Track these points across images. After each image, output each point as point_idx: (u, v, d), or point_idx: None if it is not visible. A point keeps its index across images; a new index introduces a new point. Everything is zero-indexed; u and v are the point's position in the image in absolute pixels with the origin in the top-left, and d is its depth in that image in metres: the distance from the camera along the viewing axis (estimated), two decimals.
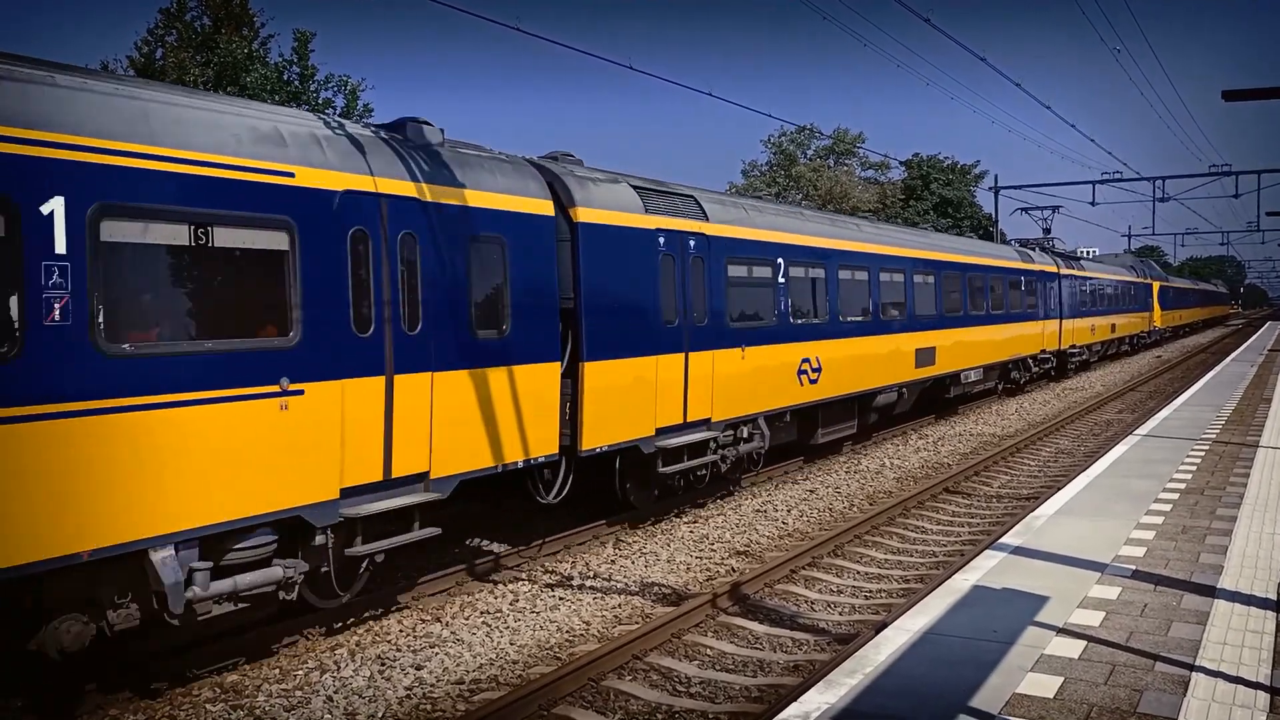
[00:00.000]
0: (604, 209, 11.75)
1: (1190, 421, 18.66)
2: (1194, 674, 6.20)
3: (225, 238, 7.56)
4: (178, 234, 7.26)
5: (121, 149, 6.89)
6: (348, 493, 8.36)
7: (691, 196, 13.84)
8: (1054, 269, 32.70)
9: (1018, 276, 28.61)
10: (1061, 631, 7.03)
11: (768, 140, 59.23)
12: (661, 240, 12.62)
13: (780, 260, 15.46)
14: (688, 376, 13.02)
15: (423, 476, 9.18)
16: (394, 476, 8.84)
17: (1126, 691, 5.96)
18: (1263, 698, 5.84)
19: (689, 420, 13.09)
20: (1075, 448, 19.82)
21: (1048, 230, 42.17)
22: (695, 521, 13.48)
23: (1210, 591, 7.89)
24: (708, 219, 13.80)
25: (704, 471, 13.69)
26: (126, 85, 7.38)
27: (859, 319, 18.35)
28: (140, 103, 7.18)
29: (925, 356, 21.17)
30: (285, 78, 30.87)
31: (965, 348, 23.79)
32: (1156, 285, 54.89)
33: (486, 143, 11.24)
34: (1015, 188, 49.40)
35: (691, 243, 13.29)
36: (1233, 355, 41.25)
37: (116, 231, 6.86)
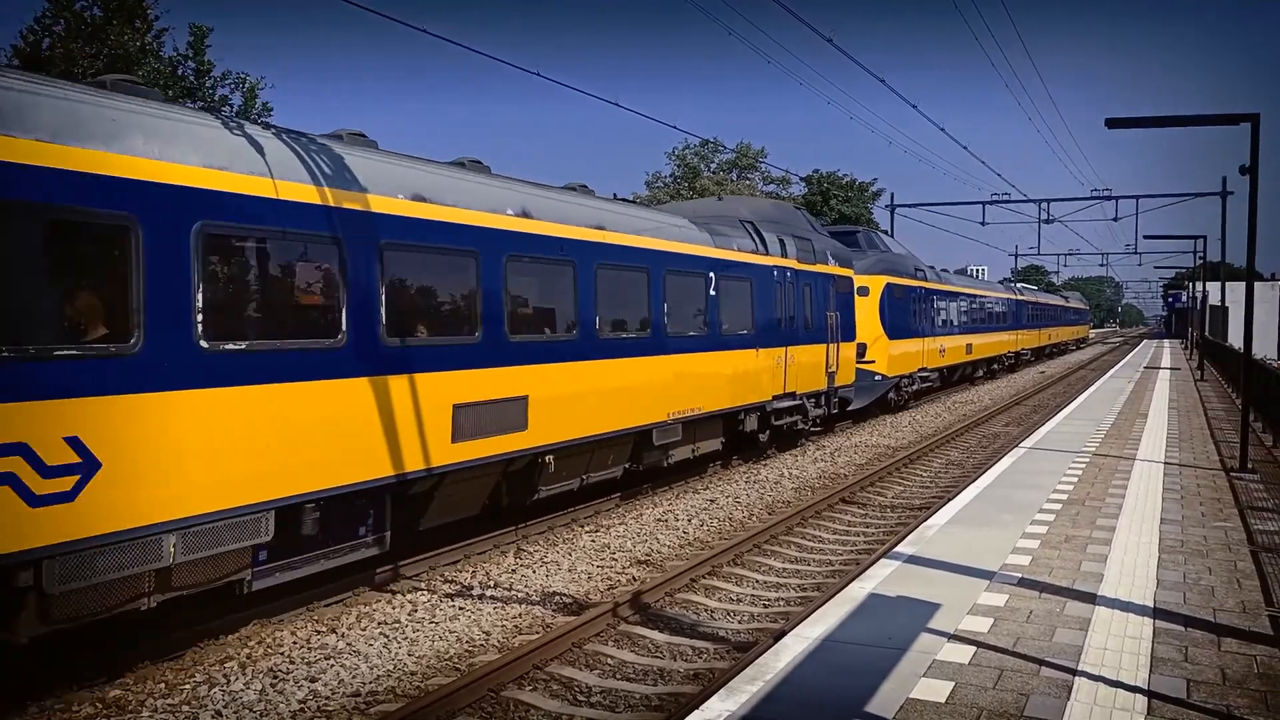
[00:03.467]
0: None
1: (1072, 435, 19.41)
2: (1077, 678, 6.45)
3: None
4: None
5: None
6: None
7: None
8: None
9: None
10: (953, 638, 7.23)
11: (672, 152, 59.87)
12: None
13: None
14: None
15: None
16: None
17: (1014, 695, 6.17)
18: (1141, 701, 6.10)
19: None
20: (965, 459, 20.44)
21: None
22: (596, 531, 13.48)
23: (1091, 599, 8.22)
24: None
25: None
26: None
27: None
28: None
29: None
30: (180, 73, 29.97)
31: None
32: (883, 282, 27.77)
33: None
34: (911, 205, 50.85)
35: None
36: (1111, 372, 43.06)
37: None
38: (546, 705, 7.69)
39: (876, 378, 26.40)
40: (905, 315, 29.02)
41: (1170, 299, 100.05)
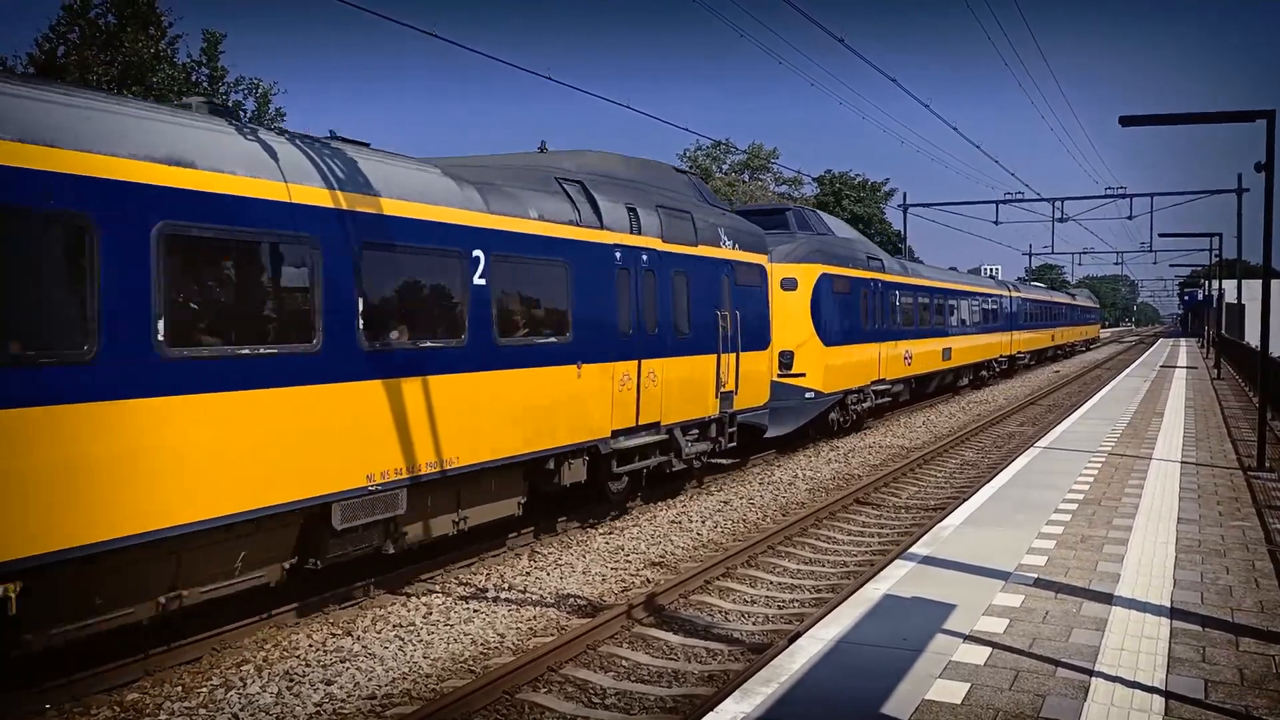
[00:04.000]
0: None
1: (1088, 435, 19.32)
2: (1093, 679, 6.42)
3: None
4: None
5: None
6: None
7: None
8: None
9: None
10: (968, 639, 7.21)
11: (684, 154, 59.93)
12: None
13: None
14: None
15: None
16: None
17: (1030, 696, 6.14)
18: (1159, 701, 6.07)
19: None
20: (979, 459, 20.37)
21: None
22: (610, 533, 13.48)
23: (1108, 599, 8.18)
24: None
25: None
26: None
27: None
28: None
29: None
30: (194, 79, 30.16)
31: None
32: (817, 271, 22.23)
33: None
34: (924, 205, 50.70)
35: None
36: (1127, 371, 42.86)
37: None
38: (561, 708, 7.70)
39: (809, 395, 20.81)
40: (851, 314, 23.24)
41: (1186, 297, 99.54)
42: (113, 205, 7.43)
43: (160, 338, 7.70)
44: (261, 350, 8.58)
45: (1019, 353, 46.63)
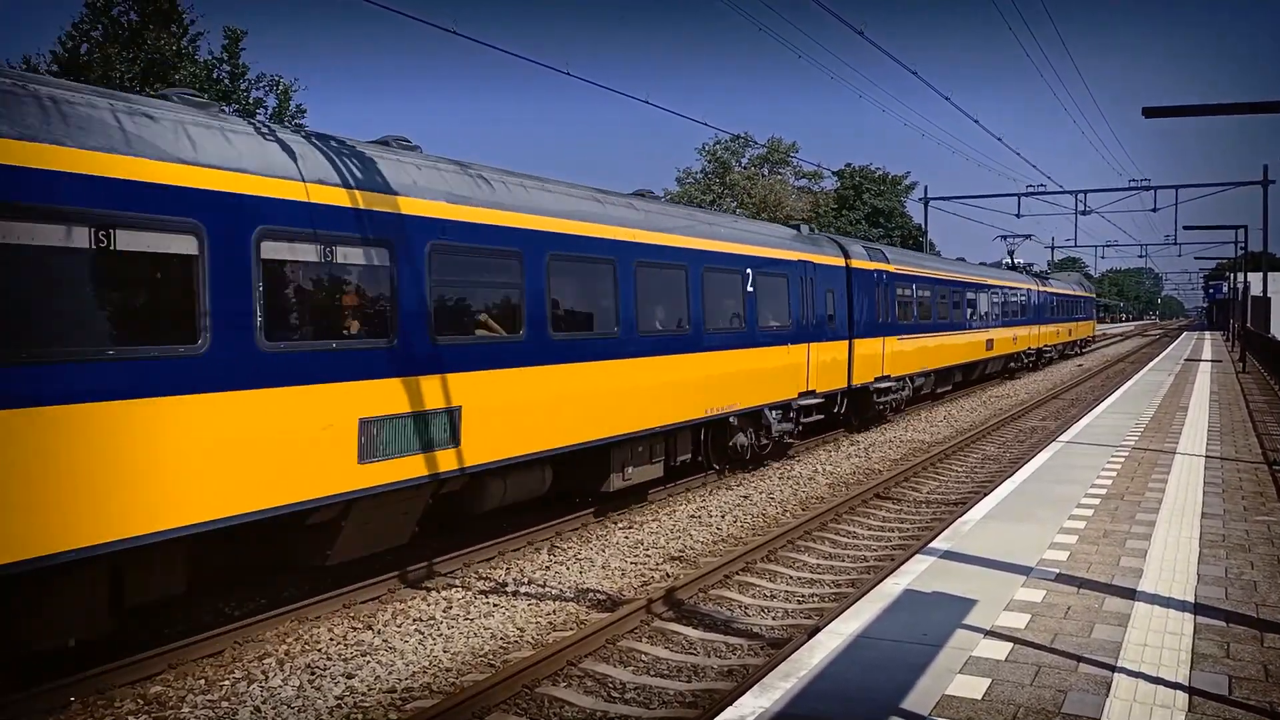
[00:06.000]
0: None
1: (1110, 429, 19.17)
2: (1116, 675, 6.37)
3: None
4: None
5: None
6: None
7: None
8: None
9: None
10: (989, 634, 7.17)
11: (703, 148, 59.75)
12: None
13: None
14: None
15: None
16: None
17: (1051, 692, 6.10)
18: (1182, 697, 6.02)
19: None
20: (1001, 454, 20.25)
21: None
22: (630, 527, 13.49)
23: (1131, 594, 8.12)
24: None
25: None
26: None
27: None
28: None
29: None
30: (215, 76, 30.31)
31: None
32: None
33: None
34: (945, 199, 50.32)
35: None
36: (1151, 364, 42.51)
37: None
38: (581, 702, 7.71)
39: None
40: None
41: (1211, 290, 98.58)
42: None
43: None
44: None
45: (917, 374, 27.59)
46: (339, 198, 9.13)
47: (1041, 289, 45.65)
